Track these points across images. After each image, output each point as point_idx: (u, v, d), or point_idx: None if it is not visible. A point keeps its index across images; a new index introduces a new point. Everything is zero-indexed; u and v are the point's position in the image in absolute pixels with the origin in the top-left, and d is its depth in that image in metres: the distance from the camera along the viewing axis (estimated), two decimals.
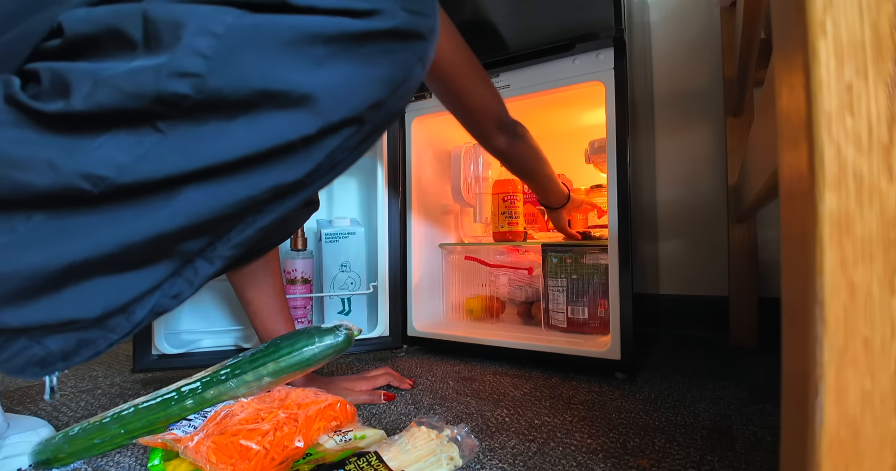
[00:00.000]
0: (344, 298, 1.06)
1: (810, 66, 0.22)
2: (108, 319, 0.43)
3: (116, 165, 0.37)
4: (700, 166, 1.28)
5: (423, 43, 0.44)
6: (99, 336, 0.44)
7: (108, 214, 0.38)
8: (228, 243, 0.45)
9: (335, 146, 0.43)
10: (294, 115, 0.40)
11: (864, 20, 0.21)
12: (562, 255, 1.01)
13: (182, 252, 0.43)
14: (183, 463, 0.50)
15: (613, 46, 0.84)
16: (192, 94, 0.37)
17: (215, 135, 0.38)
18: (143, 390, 0.82)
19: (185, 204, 0.40)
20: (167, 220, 0.40)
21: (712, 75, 1.26)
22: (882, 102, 0.21)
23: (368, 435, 0.56)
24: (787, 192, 0.28)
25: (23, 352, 0.42)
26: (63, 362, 0.44)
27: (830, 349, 0.21)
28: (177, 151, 0.38)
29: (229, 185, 0.40)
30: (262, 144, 0.39)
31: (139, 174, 0.37)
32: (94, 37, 0.38)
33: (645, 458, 0.54)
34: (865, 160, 0.21)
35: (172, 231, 0.40)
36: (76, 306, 0.41)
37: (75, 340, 0.43)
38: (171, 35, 0.36)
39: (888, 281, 0.21)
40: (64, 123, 0.37)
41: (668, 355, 1.01)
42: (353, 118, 0.42)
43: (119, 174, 0.37)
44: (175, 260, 0.44)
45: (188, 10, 0.37)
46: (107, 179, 0.37)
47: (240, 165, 0.40)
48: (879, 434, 0.21)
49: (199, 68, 0.36)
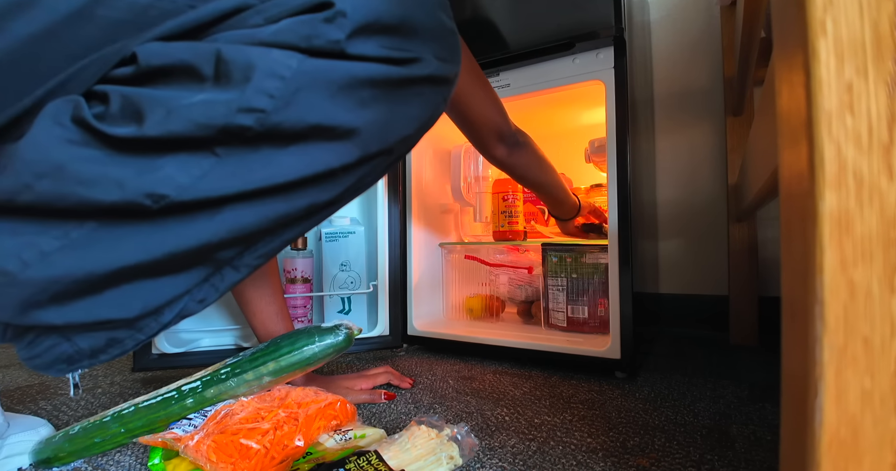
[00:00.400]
0: (344, 297, 1.06)
1: (810, 65, 0.22)
2: (141, 320, 0.46)
3: (177, 186, 0.40)
4: (700, 165, 1.28)
5: (448, 86, 0.51)
6: (127, 336, 0.47)
7: (161, 226, 0.42)
8: (255, 253, 0.49)
9: (366, 172, 0.49)
10: (339, 148, 0.45)
11: (865, 19, 0.21)
12: (562, 254, 1.01)
13: (216, 260, 0.47)
14: (183, 462, 0.50)
15: (613, 45, 0.84)
16: (255, 126, 0.41)
17: (267, 161, 0.43)
18: (144, 389, 0.82)
19: (229, 219, 0.44)
20: (212, 232, 0.43)
21: (712, 74, 1.26)
22: (882, 102, 0.21)
23: (368, 434, 0.56)
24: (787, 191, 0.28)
25: (52, 349, 0.45)
26: (90, 359, 0.47)
27: (830, 348, 0.21)
28: (231, 174, 0.42)
29: (272, 204, 0.45)
30: (309, 171, 0.44)
31: (196, 193, 0.41)
32: (167, 69, 0.42)
33: (645, 457, 0.54)
34: (865, 159, 0.21)
35: (215, 242, 0.44)
36: (116, 308, 0.44)
37: (105, 338, 0.46)
38: (242, 74, 0.40)
39: (888, 280, 0.21)
40: (132, 145, 0.40)
41: (668, 354, 1.01)
42: (386, 150, 0.48)
43: (179, 194, 0.40)
44: (208, 267, 0.47)
45: (259, 53, 0.41)
46: (167, 197, 0.40)
47: (286, 187, 0.44)
48: (879, 433, 0.21)
49: (266, 105, 0.41)
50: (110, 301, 0.43)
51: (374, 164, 0.49)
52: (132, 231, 0.41)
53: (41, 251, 0.40)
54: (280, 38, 0.42)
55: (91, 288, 0.42)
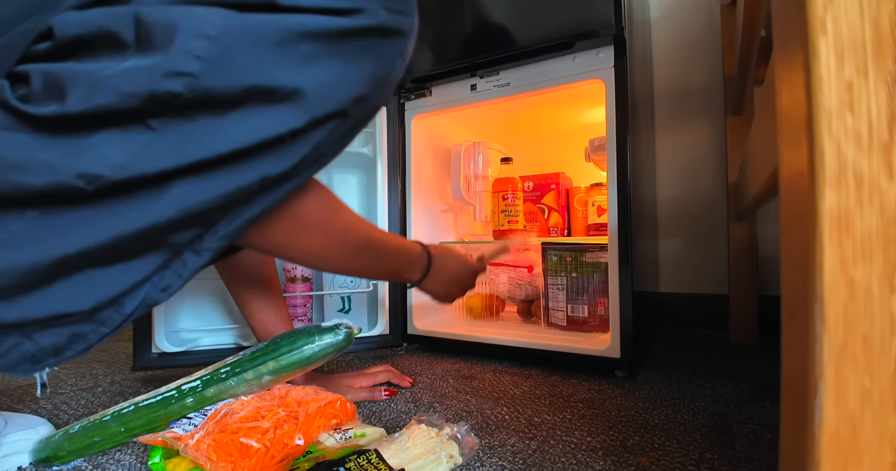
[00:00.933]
0: (344, 296, 1.06)
1: (811, 63, 0.22)
2: (100, 311, 0.44)
3: (112, 164, 0.38)
4: (700, 165, 1.28)
5: (403, 39, 0.46)
6: (90, 330, 0.44)
7: (102, 209, 0.39)
8: (216, 235, 0.46)
9: (321, 139, 0.45)
10: (283, 111, 0.41)
11: (865, 18, 0.21)
12: (561, 253, 1.01)
13: (172, 244, 0.44)
14: (183, 461, 0.50)
15: (614, 44, 0.84)
16: (185, 92, 0.38)
17: (207, 131, 0.40)
18: (144, 389, 0.82)
19: (176, 197, 0.41)
20: (159, 212, 0.41)
21: (712, 73, 1.26)
22: (882, 100, 0.21)
23: (368, 433, 0.56)
24: (787, 190, 0.28)
25: (14, 348, 0.43)
26: (54, 357, 0.45)
27: (830, 347, 0.21)
28: (170, 148, 0.39)
29: (220, 178, 0.41)
30: (253, 139, 0.41)
31: (134, 171, 0.38)
32: (86, 38, 0.39)
33: (645, 456, 0.54)
34: (865, 158, 0.21)
35: (164, 223, 0.41)
36: (69, 300, 0.41)
37: (67, 334, 0.44)
38: (164, 36, 0.37)
39: (888, 279, 0.21)
40: (58, 124, 0.37)
41: (668, 353, 1.01)
42: (338, 112, 0.44)
43: (114, 172, 0.38)
44: (164, 252, 0.44)
45: (180, 12, 0.38)
46: (102, 176, 0.38)
47: (231, 158, 0.41)
48: (879, 432, 0.21)
49: (193, 68, 0.37)
50: (63, 293, 0.41)
51: (328, 128, 0.45)
52: (72, 217, 0.39)
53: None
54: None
55: (39, 281, 0.40)
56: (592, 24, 0.84)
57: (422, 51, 1.03)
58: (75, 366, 0.99)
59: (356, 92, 0.44)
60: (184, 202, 0.41)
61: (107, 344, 1.22)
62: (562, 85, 0.91)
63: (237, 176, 0.42)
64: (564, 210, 1.19)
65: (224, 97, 0.39)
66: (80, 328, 0.44)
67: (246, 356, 0.59)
